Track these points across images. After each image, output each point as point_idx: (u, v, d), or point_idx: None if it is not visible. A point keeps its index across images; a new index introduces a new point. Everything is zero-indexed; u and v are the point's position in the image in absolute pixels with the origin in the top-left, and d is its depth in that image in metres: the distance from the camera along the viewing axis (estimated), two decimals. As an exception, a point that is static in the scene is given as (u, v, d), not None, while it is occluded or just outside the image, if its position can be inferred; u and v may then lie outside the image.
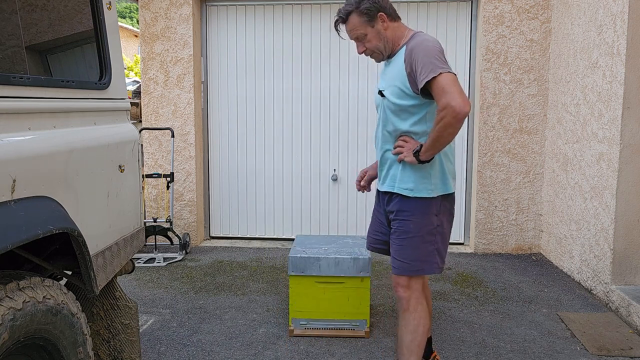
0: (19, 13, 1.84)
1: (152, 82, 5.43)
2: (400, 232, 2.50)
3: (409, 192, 2.46)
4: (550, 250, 5.01)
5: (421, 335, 2.50)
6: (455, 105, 2.18)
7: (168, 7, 5.32)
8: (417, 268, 2.48)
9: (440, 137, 2.29)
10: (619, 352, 3.15)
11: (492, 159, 5.19)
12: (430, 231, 2.47)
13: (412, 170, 2.45)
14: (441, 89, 2.22)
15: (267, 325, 3.54)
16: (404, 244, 2.48)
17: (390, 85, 2.44)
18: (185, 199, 5.49)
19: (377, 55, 2.52)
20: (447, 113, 2.20)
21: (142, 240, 2.63)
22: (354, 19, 2.45)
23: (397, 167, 2.49)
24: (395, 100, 2.41)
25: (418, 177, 2.45)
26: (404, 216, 2.48)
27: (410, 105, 2.39)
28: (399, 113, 2.43)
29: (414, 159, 2.40)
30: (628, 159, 3.73)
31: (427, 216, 2.46)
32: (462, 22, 5.30)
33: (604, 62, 3.97)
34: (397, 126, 2.46)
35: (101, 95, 2.30)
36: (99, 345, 2.48)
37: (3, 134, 1.68)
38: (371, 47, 2.48)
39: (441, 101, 2.22)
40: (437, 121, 2.27)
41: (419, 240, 2.46)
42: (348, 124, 5.48)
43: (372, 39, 2.46)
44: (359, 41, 2.50)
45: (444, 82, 2.22)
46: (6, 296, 1.62)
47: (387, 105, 2.47)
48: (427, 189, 2.45)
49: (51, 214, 1.80)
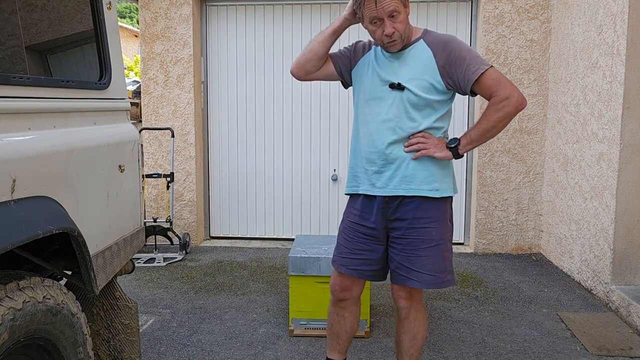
0: (19, 13, 1.84)
1: (152, 82, 5.43)
2: (419, 242, 2.28)
3: (434, 192, 2.27)
4: (550, 250, 5.01)
5: (420, 341, 2.45)
6: (518, 97, 2.16)
7: (168, 7, 5.32)
8: (443, 280, 2.30)
9: (495, 127, 2.21)
10: (619, 352, 3.15)
11: (492, 159, 5.19)
12: (449, 238, 2.34)
13: (436, 168, 2.28)
14: (498, 81, 2.17)
15: (267, 325, 3.54)
16: (428, 254, 2.27)
17: (416, 78, 2.24)
18: (185, 199, 5.49)
19: (398, 43, 2.23)
20: (510, 103, 2.16)
21: (142, 240, 2.63)
22: None
23: (412, 166, 2.27)
24: (423, 94, 2.23)
25: (442, 176, 2.29)
26: (424, 223, 2.28)
27: (437, 100, 2.26)
28: (422, 108, 2.25)
29: (449, 154, 2.25)
30: (628, 159, 3.73)
31: (447, 221, 2.33)
32: (462, 22, 5.30)
33: (604, 62, 3.97)
34: (419, 122, 2.26)
35: (101, 95, 2.30)
36: (99, 345, 2.48)
37: (3, 134, 1.68)
38: (400, 29, 2.19)
39: (501, 92, 2.16)
40: (494, 111, 2.18)
41: (442, 248, 2.29)
42: (348, 124, 5.48)
43: (403, 20, 2.20)
44: (392, 18, 2.17)
45: (499, 74, 2.19)
46: (6, 296, 1.62)
47: (408, 99, 2.24)
48: (450, 188, 2.33)
49: (51, 214, 1.80)
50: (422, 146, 2.25)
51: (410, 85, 2.24)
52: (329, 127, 5.51)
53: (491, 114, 2.20)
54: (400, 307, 2.42)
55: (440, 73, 2.22)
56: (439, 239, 2.29)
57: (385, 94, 2.30)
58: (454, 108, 5.75)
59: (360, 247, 2.39)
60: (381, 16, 2.16)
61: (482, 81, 2.18)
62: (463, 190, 5.45)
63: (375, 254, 2.38)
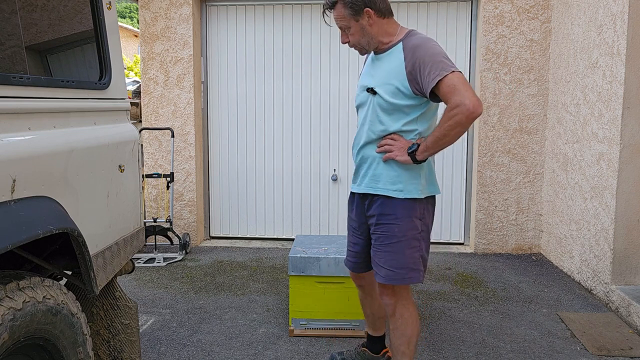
0: (19, 13, 1.84)
1: (152, 82, 5.43)
2: (383, 238, 2.38)
3: (398, 193, 2.34)
4: (550, 250, 5.01)
5: (411, 338, 2.46)
6: (469, 104, 2.12)
7: (168, 7, 5.32)
8: (403, 277, 2.38)
9: (447, 135, 2.21)
10: (619, 352, 3.15)
11: (492, 159, 5.19)
12: (415, 236, 2.37)
13: (402, 170, 2.35)
14: (453, 88, 2.15)
15: (267, 325, 3.54)
16: (389, 250, 2.37)
17: (385, 83, 2.33)
18: (185, 199, 5.49)
19: (360, 49, 2.43)
20: (460, 111, 2.14)
21: (142, 240, 2.63)
22: (339, 9, 2.35)
23: (381, 166, 2.38)
24: (390, 98, 2.31)
25: (408, 178, 2.35)
26: (387, 220, 2.37)
27: (406, 105, 2.31)
28: (391, 112, 2.33)
29: (409, 159, 2.30)
30: (628, 159, 3.73)
31: (412, 220, 2.36)
32: (462, 22, 5.30)
33: (604, 62, 3.97)
34: (387, 125, 2.35)
35: (101, 95, 2.30)
36: (99, 345, 2.48)
37: (3, 134, 1.68)
38: (354, 40, 2.39)
39: (453, 99, 2.15)
40: (446, 119, 2.19)
41: (404, 245, 2.36)
42: (348, 124, 5.48)
43: (355, 33, 2.36)
44: (343, 32, 2.41)
45: (456, 80, 2.15)
46: (6, 296, 1.62)
47: (377, 104, 2.35)
48: (417, 190, 2.35)
49: (51, 214, 1.80)
50: (389, 148, 2.34)
51: (380, 90, 2.33)
52: (329, 127, 5.51)
53: (443, 121, 2.22)
54: (385, 303, 2.51)
55: (407, 78, 2.26)
56: (401, 236, 2.35)
57: (365, 99, 2.42)
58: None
59: (351, 240, 2.65)
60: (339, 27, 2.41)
61: (440, 88, 2.19)
62: (463, 190, 5.45)
63: (357, 247, 2.61)
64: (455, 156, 5.44)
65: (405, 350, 2.47)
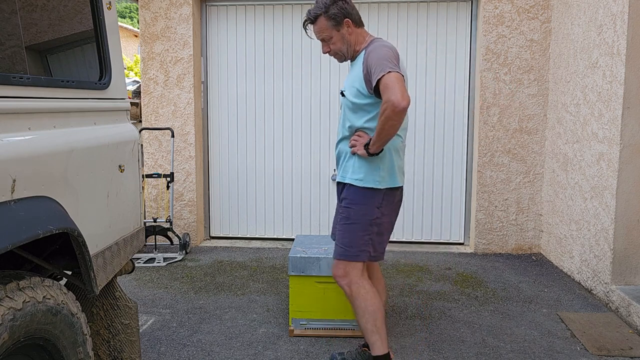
0: (19, 13, 1.84)
1: (152, 82, 5.43)
2: (341, 218, 2.71)
3: (358, 182, 2.64)
4: (550, 250, 5.01)
5: (373, 314, 2.64)
6: (394, 100, 2.35)
7: (168, 7, 5.32)
8: (351, 254, 2.67)
9: (383, 129, 2.46)
10: (619, 352, 3.15)
11: (492, 159, 5.19)
12: (369, 221, 2.65)
13: (364, 162, 2.63)
14: (385, 86, 2.40)
15: (267, 325, 3.54)
16: (343, 229, 2.69)
17: (350, 86, 2.64)
18: (185, 199, 5.49)
19: (340, 56, 2.74)
20: (388, 107, 2.38)
21: (142, 240, 2.63)
22: (321, 21, 2.66)
23: (351, 159, 2.68)
24: (353, 99, 2.62)
25: (368, 169, 2.63)
26: (347, 203, 2.69)
27: (366, 103, 2.59)
28: (356, 111, 2.63)
29: (365, 152, 2.59)
30: (628, 159, 3.73)
31: (368, 206, 2.64)
32: (462, 22, 5.30)
33: (604, 62, 3.97)
34: (353, 123, 2.65)
35: (101, 95, 2.30)
36: (99, 345, 2.48)
37: (3, 134, 1.68)
38: (335, 49, 2.71)
39: (384, 97, 2.41)
40: (380, 115, 2.45)
41: (357, 227, 2.65)
42: (348, 124, 5.48)
43: (336, 42, 2.68)
44: (325, 42, 2.72)
45: (388, 79, 2.39)
46: (6, 296, 1.62)
47: (346, 104, 2.68)
48: (375, 181, 2.63)
49: (51, 214, 1.80)
50: (354, 144, 2.65)
51: (347, 93, 2.67)
52: (329, 127, 5.51)
53: (379, 117, 2.48)
54: (340, 285, 2.74)
55: (364, 80, 2.55)
56: (355, 219, 2.65)
57: (341, 101, 2.75)
58: (455, 107, 5.75)
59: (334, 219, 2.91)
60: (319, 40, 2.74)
61: (379, 87, 2.44)
62: (463, 190, 5.45)
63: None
64: (455, 156, 5.44)
65: (372, 328, 2.65)
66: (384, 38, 5.35)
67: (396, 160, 2.68)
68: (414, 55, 5.36)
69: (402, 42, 5.36)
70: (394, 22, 5.36)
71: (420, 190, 5.49)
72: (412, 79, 5.38)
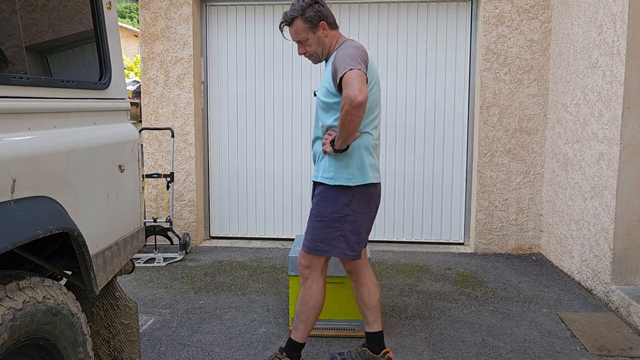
0: (19, 13, 1.84)
1: (152, 82, 5.43)
2: (311, 215, 2.78)
3: (329, 180, 2.70)
4: (550, 250, 5.01)
5: (310, 309, 2.79)
6: (350, 95, 2.42)
7: (168, 7, 5.32)
8: (319, 248, 2.74)
9: (343, 124, 2.51)
10: (619, 352, 3.15)
11: (492, 159, 5.19)
12: (337, 218, 2.71)
13: (333, 160, 2.69)
14: (345, 82, 2.47)
15: (267, 325, 3.54)
16: (311, 225, 2.77)
17: (321, 86, 2.72)
18: (185, 199, 5.49)
19: (315, 58, 2.80)
20: (346, 102, 2.45)
21: (142, 240, 2.63)
22: (298, 24, 2.70)
23: (324, 159, 2.74)
24: (323, 98, 2.69)
25: (338, 167, 2.69)
26: (317, 201, 2.76)
27: (334, 102, 2.63)
28: (326, 110, 2.69)
29: (331, 149, 2.65)
30: (628, 159, 3.73)
31: (336, 204, 2.70)
32: (462, 22, 5.30)
33: (604, 62, 3.97)
34: (323, 121, 2.72)
35: (101, 95, 2.30)
36: (99, 345, 2.48)
37: (3, 134, 1.68)
38: (310, 51, 2.76)
39: (343, 92, 2.48)
40: (340, 110, 2.51)
41: (324, 223, 2.72)
42: (348, 124, 5.47)
43: (312, 44, 2.73)
44: (301, 44, 2.76)
45: (348, 76, 2.46)
46: (6, 296, 1.62)
47: (318, 104, 2.75)
48: (345, 178, 2.68)
49: (51, 214, 1.80)
50: (324, 142, 2.71)
51: (318, 92, 2.74)
52: (329, 127, 5.51)
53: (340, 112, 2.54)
54: (300, 272, 2.83)
55: (332, 79, 2.61)
56: (324, 216, 2.72)
57: (316, 101, 2.80)
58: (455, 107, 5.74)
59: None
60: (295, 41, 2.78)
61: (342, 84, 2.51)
62: (463, 190, 5.45)
63: None
64: (455, 156, 5.44)
65: (304, 318, 2.80)
66: (384, 38, 5.39)
67: (367, 157, 2.72)
68: (414, 55, 5.36)
69: (402, 42, 5.36)
70: (394, 22, 5.36)
71: (420, 190, 5.49)
72: (412, 79, 5.38)
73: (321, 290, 2.82)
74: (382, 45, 5.38)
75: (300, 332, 2.83)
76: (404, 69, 5.39)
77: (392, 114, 5.44)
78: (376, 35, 5.38)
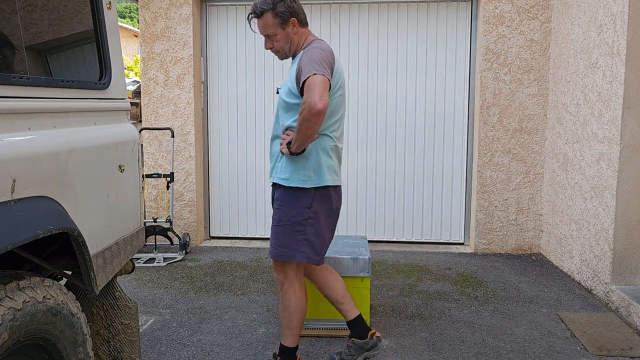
0: (19, 13, 1.84)
1: (152, 82, 5.43)
2: (274, 220, 2.74)
3: (284, 181, 2.66)
4: (550, 250, 5.01)
5: (292, 314, 2.75)
6: (310, 101, 2.40)
7: (168, 7, 5.32)
8: (284, 254, 2.70)
9: (300, 130, 2.49)
10: (619, 352, 3.15)
11: (492, 159, 5.19)
12: (299, 222, 2.66)
13: (289, 162, 2.66)
14: (307, 87, 2.44)
15: (267, 325, 3.54)
16: (275, 230, 2.72)
17: (284, 85, 2.67)
18: (185, 199, 5.49)
19: (281, 54, 2.71)
20: (304, 108, 2.43)
21: (142, 240, 2.63)
22: (268, 17, 2.61)
23: (281, 159, 2.69)
24: (285, 98, 2.64)
25: (294, 168, 2.65)
26: (277, 205, 2.73)
27: (295, 103, 2.59)
28: (287, 109, 2.65)
29: (287, 151, 2.62)
30: (628, 159, 3.73)
31: (297, 207, 2.66)
32: (462, 22, 5.30)
33: (604, 62, 3.97)
34: (284, 121, 2.68)
35: (101, 95, 2.30)
36: (99, 345, 2.48)
37: (3, 134, 1.68)
38: (278, 47, 2.67)
39: (304, 97, 2.46)
40: (299, 114, 2.49)
41: (287, 228, 2.68)
42: (348, 123, 5.48)
43: (280, 39, 2.65)
44: (268, 38, 2.67)
45: (311, 81, 2.43)
46: (6, 296, 1.62)
47: (279, 103, 2.70)
48: (301, 180, 2.64)
49: (51, 214, 1.80)
50: (282, 142, 2.67)
51: (281, 91, 2.69)
52: (329, 127, 5.50)
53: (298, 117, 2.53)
54: (276, 279, 2.81)
55: (296, 81, 2.57)
56: (286, 220, 2.68)
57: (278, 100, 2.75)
58: (455, 107, 5.74)
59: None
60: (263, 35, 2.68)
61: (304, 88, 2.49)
62: (463, 190, 5.45)
63: None
64: (455, 156, 5.44)
65: (288, 324, 2.78)
66: (384, 38, 5.38)
67: (324, 159, 2.66)
68: (414, 55, 5.36)
69: (402, 42, 5.36)
70: (394, 22, 5.36)
71: (420, 191, 5.50)
72: (412, 79, 5.38)
73: (299, 294, 2.77)
74: (382, 45, 5.38)
75: (289, 338, 2.80)
76: (404, 69, 5.39)
77: (392, 114, 5.44)
78: (376, 35, 5.38)
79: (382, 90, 5.43)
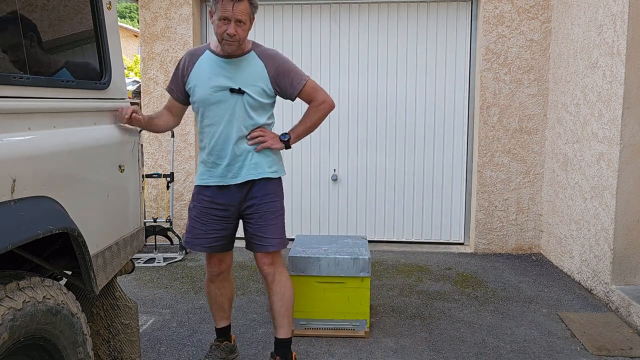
0: (19, 13, 1.84)
1: (152, 82, 5.43)
2: (269, 214, 2.79)
3: (274, 174, 2.80)
4: (550, 250, 5.01)
5: (289, 300, 2.84)
6: (331, 101, 2.79)
7: (168, 7, 5.32)
8: (286, 243, 2.85)
9: (316, 125, 2.82)
10: (619, 352, 3.15)
11: (492, 159, 5.19)
12: (284, 209, 2.88)
13: (274, 155, 2.81)
14: (314, 89, 2.76)
15: (267, 325, 3.54)
16: (276, 222, 2.81)
17: (251, 85, 2.67)
18: (185, 199, 5.49)
19: (235, 46, 2.62)
20: (326, 106, 2.78)
21: (142, 240, 2.63)
22: (246, 4, 2.57)
23: (257, 155, 2.74)
24: (258, 98, 2.69)
25: (277, 160, 2.84)
26: (271, 198, 2.80)
27: (268, 102, 2.75)
28: (257, 109, 2.72)
29: (282, 145, 2.78)
30: (628, 159, 3.73)
31: (282, 196, 2.88)
32: (462, 22, 5.30)
33: (604, 62, 3.97)
34: (256, 120, 2.72)
35: (101, 95, 2.30)
36: (99, 345, 2.48)
37: (3, 134, 1.68)
38: (242, 36, 2.61)
39: (319, 97, 2.76)
40: (316, 112, 2.78)
41: (283, 218, 2.86)
42: (348, 123, 5.48)
43: (246, 30, 2.64)
44: (238, 25, 2.57)
45: (314, 84, 2.77)
46: (6, 296, 1.62)
47: (247, 102, 2.68)
48: (282, 169, 2.87)
49: (51, 214, 1.80)
50: (262, 139, 2.73)
51: (249, 90, 2.68)
52: (329, 127, 5.51)
53: (313, 114, 2.80)
54: (266, 273, 2.83)
55: (270, 82, 2.70)
56: (282, 210, 2.85)
57: (225, 98, 2.69)
58: (455, 107, 5.74)
59: (214, 227, 2.82)
60: (230, 18, 2.54)
61: (304, 90, 2.75)
62: (463, 190, 5.46)
63: (226, 231, 2.84)
64: (455, 156, 5.44)
65: (285, 312, 2.83)
66: (384, 38, 5.38)
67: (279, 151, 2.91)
68: (414, 55, 5.36)
69: (402, 42, 5.36)
70: (394, 22, 5.36)
71: (420, 190, 5.50)
72: (412, 78, 5.38)
73: (289, 279, 2.89)
74: (382, 45, 5.38)
75: (287, 328, 2.86)
76: (404, 69, 5.39)
77: (392, 114, 5.44)
78: (376, 35, 5.38)
79: (382, 90, 5.42)
